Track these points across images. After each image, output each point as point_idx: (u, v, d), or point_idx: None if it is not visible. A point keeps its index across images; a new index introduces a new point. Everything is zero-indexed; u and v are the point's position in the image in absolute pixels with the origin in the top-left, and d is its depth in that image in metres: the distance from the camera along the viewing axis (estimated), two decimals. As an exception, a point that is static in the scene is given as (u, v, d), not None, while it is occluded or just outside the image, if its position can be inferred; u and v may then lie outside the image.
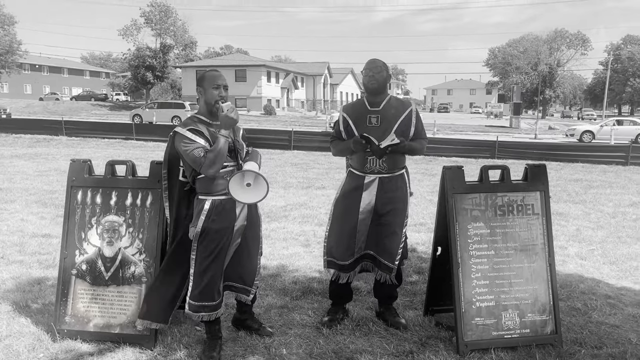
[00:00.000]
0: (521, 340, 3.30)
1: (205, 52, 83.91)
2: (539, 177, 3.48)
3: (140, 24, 54.09)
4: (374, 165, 3.44)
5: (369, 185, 3.46)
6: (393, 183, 3.48)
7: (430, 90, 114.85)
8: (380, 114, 3.46)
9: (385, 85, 3.48)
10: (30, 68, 68.38)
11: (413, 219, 7.12)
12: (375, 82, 3.44)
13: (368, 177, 3.47)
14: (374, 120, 3.46)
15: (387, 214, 3.47)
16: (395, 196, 3.48)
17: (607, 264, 5.22)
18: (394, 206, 3.47)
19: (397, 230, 3.48)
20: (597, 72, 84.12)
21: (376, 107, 3.49)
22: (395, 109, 3.49)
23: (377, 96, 3.49)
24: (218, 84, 3.02)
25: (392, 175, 3.48)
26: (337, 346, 3.30)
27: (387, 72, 3.49)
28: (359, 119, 3.50)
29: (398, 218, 3.48)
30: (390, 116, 3.46)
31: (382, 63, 3.48)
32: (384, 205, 3.46)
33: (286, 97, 56.36)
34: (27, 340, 3.27)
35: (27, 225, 6.31)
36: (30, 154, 14.72)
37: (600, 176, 12.76)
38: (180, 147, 2.96)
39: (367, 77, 3.45)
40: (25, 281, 4.37)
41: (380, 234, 3.49)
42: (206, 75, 3.06)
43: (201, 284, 3.07)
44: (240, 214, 3.12)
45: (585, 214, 7.74)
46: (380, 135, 3.35)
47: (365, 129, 3.44)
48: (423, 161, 15.22)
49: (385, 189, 3.46)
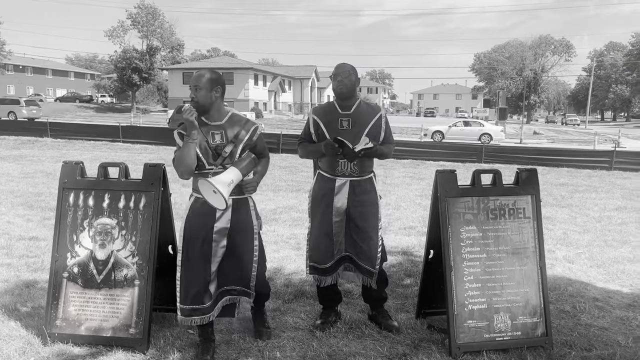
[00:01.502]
0: (512, 342, 3.33)
1: (192, 55, 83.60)
2: (530, 181, 3.53)
3: (127, 26, 53.74)
4: (345, 169, 3.46)
5: (341, 189, 3.48)
6: (363, 186, 3.50)
7: (416, 95, 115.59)
8: (351, 118, 3.48)
9: (354, 89, 3.50)
10: (14, 69, 67.50)
11: (403, 222, 7.16)
12: (344, 87, 3.46)
13: (339, 180, 3.48)
14: (346, 123, 3.47)
15: (359, 218, 3.48)
16: (365, 199, 3.50)
17: (594, 267, 5.30)
18: (366, 209, 3.49)
19: (372, 235, 3.49)
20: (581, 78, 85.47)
21: (347, 110, 3.50)
22: (366, 113, 3.52)
23: (348, 100, 3.52)
24: (191, 85, 3.07)
25: (362, 179, 3.51)
26: (330, 349, 3.30)
27: (356, 76, 3.50)
28: (331, 122, 3.51)
29: (371, 222, 3.50)
30: (361, 120, 3.48)
31: (350, 67, 3.49)
32: (355, 208, 3.47)
33: (273, 100, 56.34)
34: (17, 344, 3.23)
35: (14, 228, 6.22)
36: (15, 155, 14.53)
37: (585, 181, 12.94)
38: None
39: (336, 81, 3.47)
40: (14, 284, 4.31)
41: (356, 239, 3.51)
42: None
43: (188, 287, 3.08)
44: (221, 216, 3.09)
45: (571, 218, 7.85)
46: (352, 139, 3.36)
47: (337, 131, 3.45)
48: (411, 165, 15.31)
49: (356, 192, 3.48)
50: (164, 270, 3.53)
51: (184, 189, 9.39)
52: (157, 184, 3.36)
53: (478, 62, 79.15)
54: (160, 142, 19.40)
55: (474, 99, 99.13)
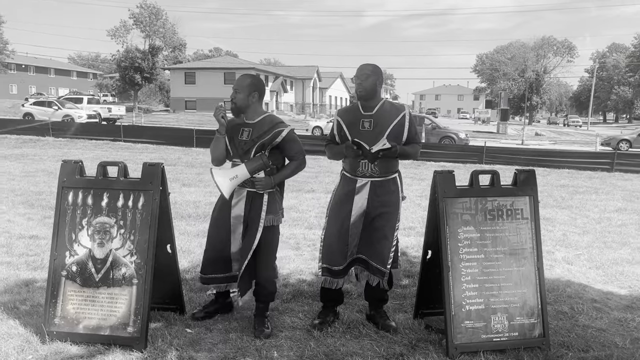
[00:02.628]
0: (510, 343, 3.34)
1: (195, 54, 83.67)
2: (528, 182, 3.53)
3: (129, 26, 53.84)
4: (366, 169, 3.47)
5: (361, 189, 3.49)
6: (385, 187, 3.51)
7: (418, 96, 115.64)
8: (373, 118, 3.49)
9: (373, 91, 3.50)
10: (17, 68, 67.65)
11: (402, 222, 7.13)
12: (363, 90, 3.49)
13: (360, 180, 3.50)
14: (367, 124, 3.49)
15: (378, 218, 3.49)
16: (387, 200, 3.50)
17: (593, 268, 5.30)
18: (386, 210, 3.50)
19: (388, 235, 3.50)
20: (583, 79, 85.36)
21: (369, 111, 3.52)
22: (389, 114, 3.52)
23: (370, 101, 3.53)
24: (233, 87, 3.48)
25: (384, 179, 3.51)
26: (328, 349, 3.31)
27: (377, 77, 3.50)
28: (353, 123, 3.53)
29: (389, 222, 3.51)
30: (384, 120, 3.49)
31: (371, 69, 3.50)
32: (375, 209, 3.48)
33: (275, 101, 56.33)
34: (16, 342, 3.24)
35: (14, 227, 6.24)
36: (17, 154, 14.56)
37: (586, 182, 12.93)
38: None
39: (356, 84, 3.52)
40: (13, 283, 4.32)
41: (372, 238, 3.52)
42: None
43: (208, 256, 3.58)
44: (236, 205, 3.46)
45: (571, 219, 7.84)
46: (373, 139, 3.38)
47: (358, 132, 3.47)
48: (412, 165, 15.30)
49: (378, 192, 3.48)
50: (162, 269, 3.54)
51: (184, 188, 9.41)
52: (156, 183, 3.37)
53: (480, 63, 79.11)
54: (162, 141, 19.42)
55: (476, 100, 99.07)
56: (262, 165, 3.34)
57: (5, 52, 50.34)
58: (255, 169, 3.33)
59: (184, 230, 6.20)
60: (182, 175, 11.19)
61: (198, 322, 3.63)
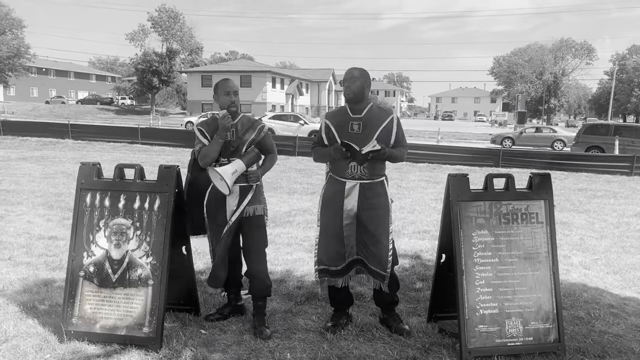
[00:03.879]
0: (524, 348, 3.31)
1: (211, 58, 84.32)
2: (543, 186, 3.51)
3: (147, 29, 54.47)
4: (355, 172, 3.48)
5: (351, 191, 3.50)
6: (374, 189, 3.52)
7: (434, 98, 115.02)
8: (362, 121, 3.51)
9: (362, 93, 3.51)
10: (37, 71, 68.84)
11: (417, 226, 7.14)
12: (351, 92, 3.50)
13: (349, 182, 3.50)
14: (356, 126, 3.50)
15: (369, 221, 3.49)
16: (376, 202, 3.51)
17: (611, 273, 5.23)
18: (376, 212, 3.50)
19: (382, 239, 3.50)
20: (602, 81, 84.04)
21: (358, 114, 3.53)
22: (377, 117, 3.54)
23: (358, 104, 3.54)
24: (227, 91, 3.52)
25: (373, 182, 3.52)
26: (341, 351, 3.32)
27: (365, 80, 3.51)
28: (341, 126, 3.54)
29: (382, 226, 3.51)
30: (372, 123, 3.50)
31: (359, 72, 3.51)
32: (365, 211, 3.49)
33: (291, 103, 56.51)
34: (35, 340, 3.31)
35: (34, 227, 6.36)
36: (37, 156, 14.81)
37: (604, 186, 12.75)
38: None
39: (344, 87, 3.54)
40: (33, 283, 4.41)
41: (367, 242, 3.52)
42: (219, 83, 3.57)
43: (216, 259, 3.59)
44: (232, 201, 3.51)
45: (589, 224, 7.74)
46: (361, 142, 3.39)
47: (347, 135, 3.48)
48: (427, 169, 15.24)
49: (367, 195, 3.49)
50: (177, 271, 3.58)
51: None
52: (172, 185, 3.42)
53: (497, 65, 78.45)
54: (179, 144, 19.60)
55: (493, 102, 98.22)
56: (256, 158, 3.55)
57: (26, 55, 51.22)
58: (250, 162, 3.50)
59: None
60: (198, 177, 11.26)
61: (212, 323, 3.66)
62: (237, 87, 3.59)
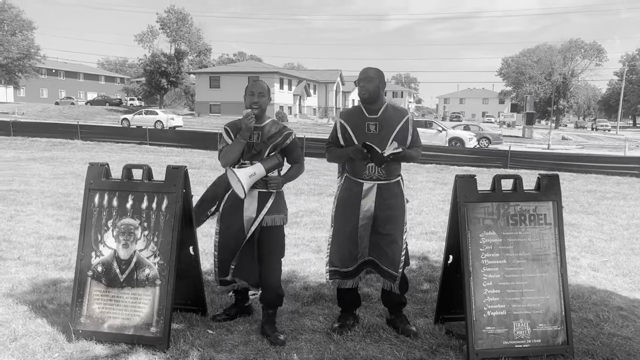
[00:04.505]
0: (532, 350, 3.29)
1: (219, 59, 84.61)
2: (551, 187, 3.49)
3: (156, 31, 54.76)
4: (373, 173, 3.47)
5: (368, 192, 3.49)
6: (391, 190, 3.51)
7: (442, 99, 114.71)
8: (378, 122, 3.49)
9: (377, 94, 3.49)
10: (47, 72, 69.34)
11: (424, 227, 7.12)
12: (366, 92, 3.49)
13: (366, 183, 3.49)
14: (373, 127, 3.49)
15: (385, 222, 3.49)
16: (393, 203, 3.50)
17: (620, 275, 5.19)
18: (392, 212, 3.50)
19: (397, 239, 3.50)
20: (612, 82, 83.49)
21: (374, 114, 3.52)
22: (393, 117, 3.52)
23: (374, 104, 3.52)
24: (252, 92, 3.45)
25: (390, 182, 3.51)
26: (347, 352, 3.32)
27: (380, 80, 3.50)
28: (358, 127, 3.52)
29: (397, 225, 3.51)
30: (389, 124, 3.49)
31: (374, 72, 3.50)
32: (383, 212, 3.48)
33: (298, 104, 56.55)
34: (43, 339, 3.33)
35: (43, 227, 6.40)
36: (47, 157, 14.93)
37: (613, 187, 12.66)
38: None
39: (359, 87, 3.52)
40: (42, 282, 4.44)
41: (381, 242, 3.51)
42: (249, 83, 3.53)
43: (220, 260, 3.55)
44: (249, 206, 3.44)
45: (598, 225, 7.69)
46: (378, 143, 3.37)
47: (364, 136, 3.46)
48: (435, 170, 15.20)
49: (384, 195, 3.49)
50: (184, 271, 3.60)
51: (208, 191, 9.51)
52: (179, 185, 3.43)
53: (506, 66, 78.11)
54: (187, 144, 19.69)
55: (501, 103, 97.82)
56: (278, 165, 3.45)
57: (36, 57, 51.65)
58: (271, 167, 3.41)
59: (207, 232, 6.27)
60: (206, 178, 11.31)
61: (219, 323, 3.67)
62: (265, 88, 3.49)
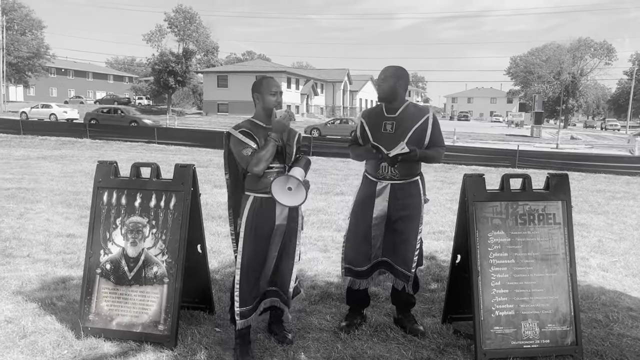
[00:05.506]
0: (541, 350, 3.27)
1: (227, 58, 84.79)
2: (560, 186, 3.46)
3: (164, 30, 54.94)
4: (386, 172, 3.46)
5: (382, 192, 3.48)
6: (406, 190, 3.49)
7: (450, 98, 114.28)
8: (396, 121, 3.47)
9: (393, 93, 3.45)
10: (56, 72, 69.79)
11: (432, 226, 7.10)
12: (382, 92, 3.48)
13: (380, 183, 3.49)
14: (389, 126, 3.47)
15: (400, 221, 3.48)
16: (408, 203, 3.48)
17: (630, 276, 5.14)
18: (407, 213, 3.48)
19: (410, 238, 3.48)
20: (622, 81, 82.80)
21: (392, 113, 3.50)
22: (412, 116, 3.48)
23: (393, 103, 3.50)
24: (274, 91, 3.21)
25: (405, 182, 3.49)
26: (354, 351, 3.31)
27: (397, 79, 3.44)
28: (375, 125, 3.52)
29: (412, 225, 3.49)
30: (406, 123, 3.46)
31: (392, 71, 3.46)
32: (396, 212, 3.47)
33: (306, 104, 56.55)
34: (52, 337, 3.35)
35: (52, 225, 6.45)
36: (56, 155, 15.03)
37: (623, 187, 12.55)
38: (231, 146, 3.20)
39: (376, 85, 3.52)
40: (51, 280, 4.47)
41: (395, 241, 3.50)
42: (263, 82, 3.24)
43: (248, 286, 3.16)
44: (280, 213, 3.24)
45: (607, 225, 7.63)
46: (394, 142, 3.34)
47: (379, 135, 3.45)
48: (442, 169, 15.14)
49: (398, 195, 3.47)
50: (192, 269, 3.61)
51: (215, 189, 9.54)
52: (187, 184, 3.44)
53: (514, 65, 77.71)
54: (195, 143, 19.75)
55: (509, 102, 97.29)
56: (308, 165, 3.33)
57: (46, 56, 52.02)
58: (307, 169, 3.28)
59: (215, 231, 6.30)
60: (214, 176, 11.33)
61: (226, 322, 3.68)
62: (280, 86, 3.27)
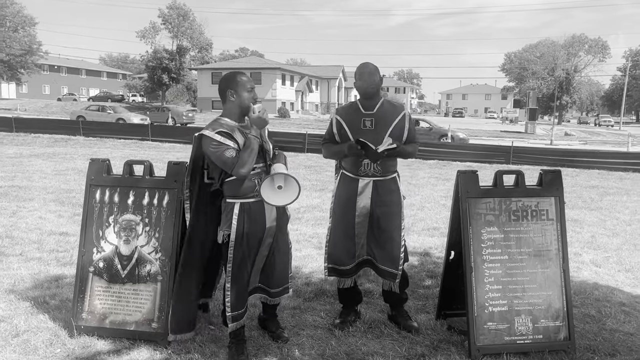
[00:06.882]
0: (534, 346, 3.29)
1: (221, 55, 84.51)
2: (553, 182, 3.47)
3: (158, 27, 54.70)
4: (368, 169, 3.45)
5: (364, 189, 3.48)
6: (386, 186, 3.50)
7: (445, 95, 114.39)
8: (374, 117, 3.47)
9: (379, 88, 3.49)
10: (49, 69, 69.36)
11: (427, 223, 7.11)
12: (373, 85, 3.44)
13: (362, 180, 3.48)
14: (369, 123, 3.46)
15: (382, 218, 3.48)
16: (389, 199, 3.49)
17: (623, 271, 5.18)
18: (389, 209, 3.48)
19: (394, 235, 3.49)
20: (615, 78, 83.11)
21: (370, 110, 3.49)
22: (389, 113, 3.50)
23: (371, 100, 3.51)
24: (250, 87, 3.07)
25: (386, 179, 3.50)
26: (349, 348, 3.32)
27: (380, 75, 3.51)
28: (353, 122, 3.50)
29: (394, 222, 3.49)
30: (385, 120, 3.46)
31: (374, 66, 3.50)
32: (378, 207, 3.47)
33: (300, 100, 56.51)
34: (45, 335, 3.34)
35: (45, 223, 6.41)
36: (49, 153, 14.95)
37: (616, 183, 12.62)
38: (209, 149, 2.97)
39: (362, 82, 3.46)
40: (44, 278, 4.45)
41: (379, 240, 3.50)
42: (237, 79, 3.05)
43: (238, 292, 3.12)
44: (270, 215, 3.15)
45: (600, 221, 7.67)
46: (374, 139, 3.33)
47: (360, 132, 3.44)
48: (437, 166, 15.18)
49: (380, 192, 3.47)
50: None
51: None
52: (181, 181, 3.42)
53: (508, 61, 77.88)
54: (189, 141, 19.67)
55: (504, 99, 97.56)
56: (286, 160, 3.28)
57: (38, 53, 51.65)
58: (286, 165, 3.23)
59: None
60: (208, 174, 11.31)
61: (220, 319, 3.67)
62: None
